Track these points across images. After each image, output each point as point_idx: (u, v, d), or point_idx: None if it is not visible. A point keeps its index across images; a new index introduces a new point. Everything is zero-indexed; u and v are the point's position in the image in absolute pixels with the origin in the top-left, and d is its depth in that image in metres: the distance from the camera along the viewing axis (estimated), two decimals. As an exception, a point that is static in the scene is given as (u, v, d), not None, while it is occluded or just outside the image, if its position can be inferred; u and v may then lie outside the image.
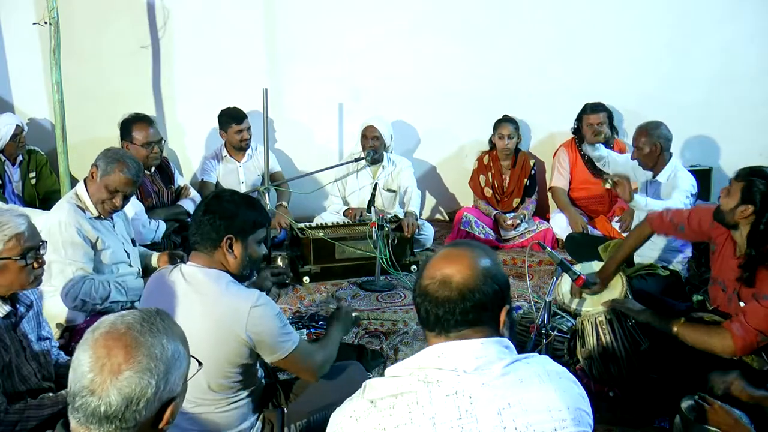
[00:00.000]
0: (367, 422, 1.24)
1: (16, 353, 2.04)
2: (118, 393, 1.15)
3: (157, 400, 1.18)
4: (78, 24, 4.54)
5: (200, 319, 1.90)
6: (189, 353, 1.29)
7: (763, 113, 5.08)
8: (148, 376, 1.16)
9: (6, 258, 1.94)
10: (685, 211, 2.90)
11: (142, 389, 1.16)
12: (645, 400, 2.60)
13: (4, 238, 1.94)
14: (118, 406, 1.15)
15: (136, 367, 1.16)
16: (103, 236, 2.85)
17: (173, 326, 1.28)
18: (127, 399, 1.15)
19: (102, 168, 2.79)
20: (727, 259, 2.62)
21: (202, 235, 1.98)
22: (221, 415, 2.02)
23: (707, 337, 2.38)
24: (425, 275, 1.35)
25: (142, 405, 1.16)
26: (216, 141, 4.82)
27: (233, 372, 1.97)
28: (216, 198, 2.06)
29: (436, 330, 1.32)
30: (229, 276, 2.00)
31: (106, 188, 2.80)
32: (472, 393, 1.22)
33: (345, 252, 4.06)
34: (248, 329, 1.91)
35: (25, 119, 4.54)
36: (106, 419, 1.15)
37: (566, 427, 1.22)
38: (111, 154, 2.83)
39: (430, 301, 1.32)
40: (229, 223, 1.97)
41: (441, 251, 1.41)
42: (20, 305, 2.10)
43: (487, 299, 1.31)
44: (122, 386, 1.15)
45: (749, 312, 2.33)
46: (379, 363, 2.99)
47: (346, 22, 4.91)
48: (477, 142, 5.04)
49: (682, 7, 4.95)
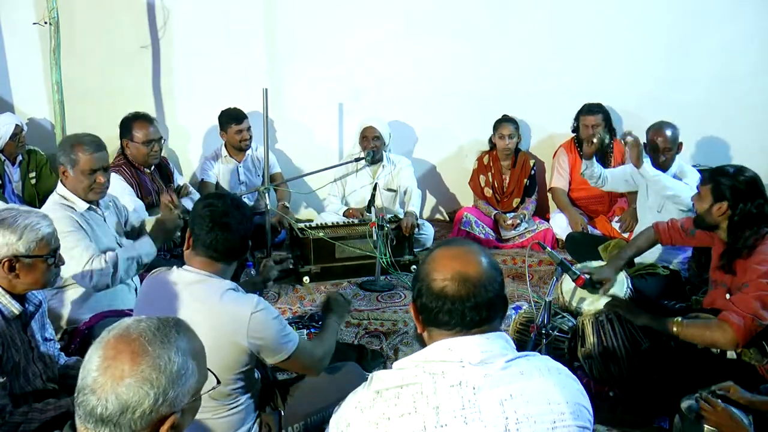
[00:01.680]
0: (372, 412, 1.26)
1: (24, 354, 2.06)
2: (116, 398, 1.15)
3: (155, 413, 1.17)
4: (78, 24, 4.54)
5: (197, 328, 1.89)
6: (205, 368, 1.28)
7: (763, 113, 5.08)
8: (148, 387, 1.16)
9: (37, 256, 2.00)
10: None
11: (140, 399, 1.15)
12: (645, 400, 2.61)
13: (37, 238, 2.00)
14: (114, 411, 1.15)
15: (138, 376, 1.16)
16: (93, 229, 2.81)
17: (190, 340, 1.26)
18: (124, 406, 1.15)
19: (66, 160, 2.76)
20: (721, 255, 2.69)
21: (226, 250, 2.00)
22: (221, 421, 2.01)
23: (708, 332, 2.42)
24: (436, 278, 1.33)
25: (137, 414, 1.15)
26: (216, 141, 4.81)
27: (232, 379, 1.97)
28: (236, 217, 2.04)
29: (458, 328, 1.31)
30: (227, 282, 2.00)
31: (83, 173, 2.76)
32: (475, 384, 1.24)
33: (345, 252, 4.07)
34: (250, 336, 1.91)
35: (25, 119, 4.54)
36: (101, 421, 1.16)
37: (565, 420, 1.24)
38: (64, 146, 2.79)
39: (453, 302, 1.31)
40: (249, 244, 2.09)
41: (437, 252, 1.39)
42: (29, 304, 2.11)
43: (501, 290, 1.35)
44: (121, 392, 1.15)
45: (738, 302, 2.41)
46: (379, 363, 2.99)
47: (346, 22, 4.91)
48: (477, 142, 5.04)
49: (682, 7, 4.94)
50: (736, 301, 2.42)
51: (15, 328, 2.03)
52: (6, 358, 1.98)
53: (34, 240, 1.99)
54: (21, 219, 1.98)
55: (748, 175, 2.57)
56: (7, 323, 2.01)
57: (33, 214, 2.04)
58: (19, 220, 1.98)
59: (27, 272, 2.01)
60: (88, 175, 2.76)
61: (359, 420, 1.27)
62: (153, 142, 3.78)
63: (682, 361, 2.53)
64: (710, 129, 5.14)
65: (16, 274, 1.99)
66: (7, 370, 1.97)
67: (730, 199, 2.56)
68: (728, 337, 2.35)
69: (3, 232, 1.95)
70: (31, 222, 1.99)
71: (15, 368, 2.01)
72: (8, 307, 2.01)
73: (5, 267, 1.96)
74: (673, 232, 3.02)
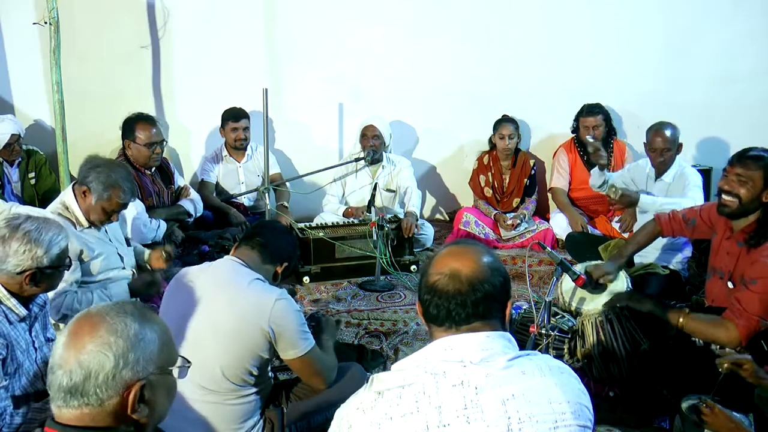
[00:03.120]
0: (374, 413, 1.27)
1: (27, 355, 2.07)
2: (79, 366, 1.19)
3: (118, 377, 1.20)
4: (78, 24, 4.53)
5: (224, 309, 2.01)
6: (171, 345, 1.33)
7: (763, 113, 5.08)
8: (107, 350, 1.20)
9: (57, 267, 2.08)
10: (696, 207, 2.97)
11: (101, 362, 1.19)
12: (645, 400, 2.61)
13: (59, 250, 2.07)
14: (79, 380, 1.19)
15: (97, 341, 1.21)
16: (90, 246, 2.79)
17: (149, 315, 1.31)
18: (87, 372, 1.19)
19: (97, 192, 2.75)
20: (725, 243, 2.68)
21: (271, 248, 2.19)
22: (229, 408, 2.05)
23: (712, 329, 2.42)
24: (431, 272, 1.37)
25: (101, 379, 1.19)
26: (215, 141, 4.82)
27: (250, 364, 2.04)
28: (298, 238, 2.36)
29: (447, 324, 1.34)
30: (256, 274, 2.11)
31: (103, 210, 2.78)
32: (477, 383, 1.24)
33: (345, 252, 4.07)
34: (271, 321, 2.00)
35: (25, 120, 4.54)
36: (70, 393, 1.19)
37: (566, 419, 1.24)
38: (104, 177, 2.75)
39: (440, 296, 1.34)
40: (295, 257, 2.34)
41: (443, 250, 1.43)
42: (34, 305, 2.14)
43: (495, 291, 1.35)
44: (83, 359, 1.19)
45: (743, 299, 2.39)
46: (379, 363, 2.99)
47: (346, 22, 4.91)
48: (477, 142, 5.04)
49: (682, 7, 4.95)
50: (743, 299, 2.39)
51: (20, 330, 2.05)
52: (10, 360, 1.98)
53: (57, 253, 2.06)
54: (44, 232, 2.04)
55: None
56: (12, 325, 2.02)
57: (52, 225, 2.10)
58: (43, 233, 2.04)
59: (45, 282, 2.07)
60: (108, 213, 2.81)
61: (361, 421, 1.27)
62: (155, 145, 3.78)
63: (682, 361, 2.53)
64: (710, 129, 5.14)
65: (36, 284, 2.04)
66: (10, 372, 1.98)
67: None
68: (732, 336, 2.36)
69: (29, 246, 2.00)
70: (52, 234, 2.06)
71: (18, 370, 2.02)
72: (14, 311, 2.02)
73: (27, 279, 2.01)
74: (675, 223, 2.97)
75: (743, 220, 2.58)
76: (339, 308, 3.69)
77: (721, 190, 2.59)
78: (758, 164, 2.49)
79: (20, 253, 1.98)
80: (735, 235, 2.62)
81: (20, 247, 1.98)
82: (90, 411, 1.20)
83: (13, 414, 1.94)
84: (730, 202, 2.55)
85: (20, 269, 1.99)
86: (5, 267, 1.99)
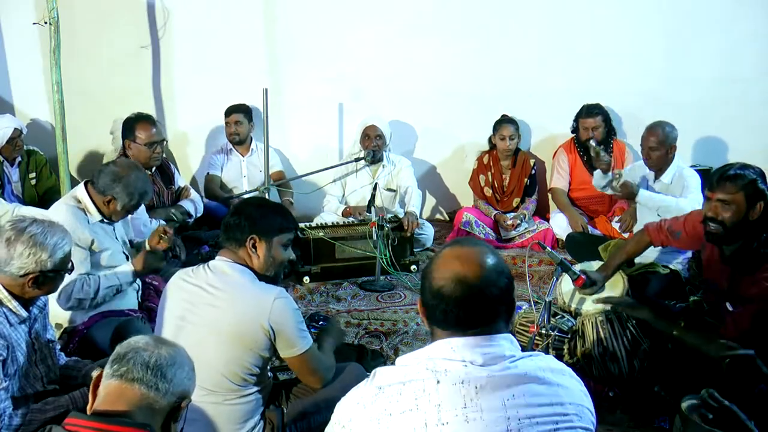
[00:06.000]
0: (374, 408, 1.27)
1: (27, 356, 2.07)
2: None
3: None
4: (78, 24, 4.53)
5: (223, 309, 2.02)
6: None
7: (763, 113, 5.08)
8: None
9: (59, 270, 2.09)
10: (681, 217, 2.91)
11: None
12: (645, 400, 2.61)
13: (63, 255, 2.08)
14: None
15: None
16: (100, 238, 2.83)
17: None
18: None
19: (122, 201, 2.81)
20: (716, 262, 2.64)
21: (228, 234, 2.13)
22: (229, 408, 2.05)
23: (705, 347, 2.36)
24: (436, 277, 1.34)
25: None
26: (216, 141, 4.83)
27: (250, 364, 2.05)
28: (244, 202, 2.28)
29: (453, 329, 1.32)
30: (253, 273, 2.11)
31: (127, 212, 2.90)
32: (478, 383, 1.24)
33: (345, 252, 4.07)
34: (271, 319, 2.01)
35: (25, 120, 4.54)
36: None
37: (567, 421, 1.24)
38: (127, 186, 2.80)
39: (447, 302, 1.31)
40: (252, 224, 2.11)
41: (445, 251, 1.40)
42: (34, 307, 2.14)
43: (501, 294, 1.33)
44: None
45: (740, 319, 2.39)
46: (379, 363, 2.98)
47: (346, 22, 4.91)
48: (477, 142, 5.04)
49: (682, 7, 4.94)
50: (739, 318, 2.41)
51: (20, 332, 2.05)
52: (10, 361, 1.98)
53: (61, 257, 2.07)
54: (50, 236, 2.05)
55: (757, 168, 2.49)
56: (13, 327, 2.02)
57: (57, 229, 2.11)
58: (48, 237, 2.05)
59: (47, 285, 2.08)
60: (130, 211, 2.92)
61: (361, 415, 1.28)
62: (156, 144, 3.78)
63: (682, 361, 2.53)
64: (710, 129, 5.13)
65: (38, 287, 2.04)
66: (10, 373, 1.98)
67: (766, 195, 2.42)
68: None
69: (34, 249, 2.01)
70: (57, 239, 2.07)
71: (18, 370, 2.02)
72: (15, 312, 2.02)
73: (30, 282, 2.02)
74: (661, 233, 2.92)
75: (734, 245, 2.52)
76: (339, 308, 3.69)
77: (706, 217, 2.53)
78: (738, 185, 2.43)
79: (25, 256, 1.99)
80: (728, 258, 2.56)
81: (25, 250, 1.99)
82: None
83: (12, 415, 1.94)
84: (716, 230, 2.48)
85: (24, 272, 2.00)
86: (9, 269, 1.99)
